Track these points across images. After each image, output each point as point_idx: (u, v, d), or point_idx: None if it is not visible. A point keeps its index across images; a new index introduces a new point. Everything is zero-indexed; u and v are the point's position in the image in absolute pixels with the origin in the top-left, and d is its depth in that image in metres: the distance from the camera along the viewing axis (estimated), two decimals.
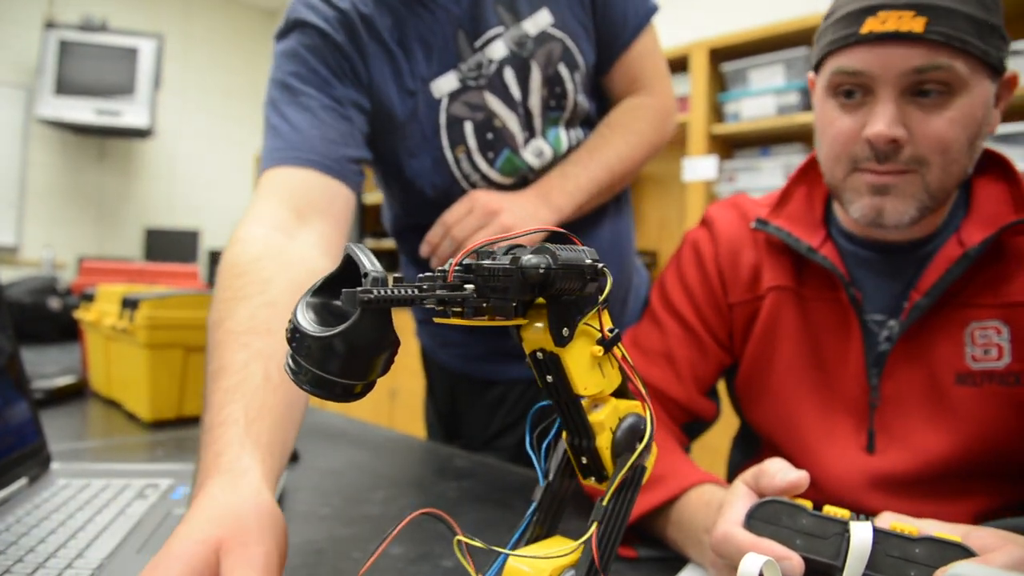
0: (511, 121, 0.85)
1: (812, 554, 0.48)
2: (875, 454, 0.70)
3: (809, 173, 0.79)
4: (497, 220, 0.79)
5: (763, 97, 2.33)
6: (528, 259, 0.33)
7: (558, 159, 0.89)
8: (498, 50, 0.83)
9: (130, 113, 4.21)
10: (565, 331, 0.37)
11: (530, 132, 0.87)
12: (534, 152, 0.87)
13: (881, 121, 0.62)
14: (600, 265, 0.37)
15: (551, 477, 0.44)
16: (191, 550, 0.38)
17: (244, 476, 0.45)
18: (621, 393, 0.43)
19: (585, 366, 0.39)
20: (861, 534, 0.46)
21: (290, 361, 0.33)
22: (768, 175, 2.33)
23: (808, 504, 0.50)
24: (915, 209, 0.65)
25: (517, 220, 0.79)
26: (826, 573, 0.47)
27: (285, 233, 0.69)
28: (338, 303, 0.32)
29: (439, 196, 0.86)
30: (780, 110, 2.31)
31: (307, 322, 0.32)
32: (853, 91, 0.65)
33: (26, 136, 4.35)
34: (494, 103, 0.84)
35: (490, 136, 0.85)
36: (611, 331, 0.39)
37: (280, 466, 0.50)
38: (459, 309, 0.33)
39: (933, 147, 0.62)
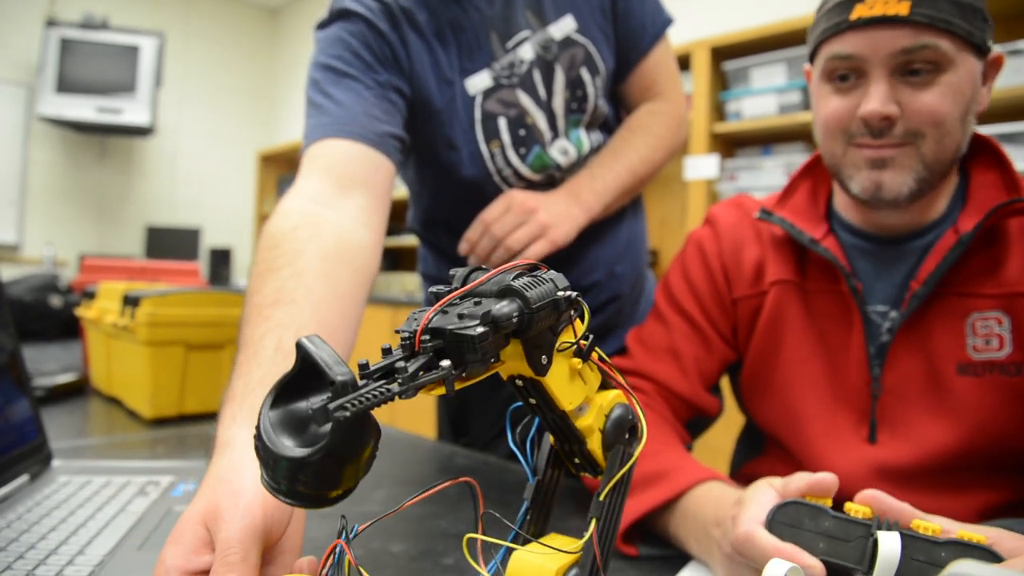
0: (540, 119, 0.88)
1: (836, 558, 0.47)
2: (877, 445, 0.71)
3: (814, 169, 0.80)
4: (535, 218, 0.82)
5: (765, 96, 2.33)
6: (500, 309, 0.31)
7: (581, 160, 0.92)
8: (526, 52, 0.86)
9: (131, 111, 4.22)
10: (544, 359, 0.35)
11: (554, 132, 0.89)
12: (560, 151, 0.90)
13: (875, 99, 0.65)
14: (574, 295, 0.35)
15: (540, 475, 0.43)
16: (181, 530, 0.43)
17: (227, 448, 0.48)
18: (603, 385, 0.42)
19: (566, 381, 0.38)
20: (890, 545, 0.45)
21: (264, 471, 0.29)
22: (769, 174, 2.33)
23: (828, 502, 0.50)
24: (913, 180, 0.67)
25: (552, 218, 0.82)
26: (850, 575, 0.47)
27: (325, 204, 0.70)
28: (304, 406, 0.29)
29: (472, 189, 0.89)
30: (782, 109, 2.30)
31: (273, 436, 0.28)
32: (847, 75, 0.68)
33: (27, 134, 4.35)
34: (526, 101, 0.87)
35: (522, 132, 0.87)
36: (585, 337, 0.38)
37: None
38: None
39: (925, 120, 0.65)
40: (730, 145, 2.54)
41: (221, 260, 4.80)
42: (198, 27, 5.06)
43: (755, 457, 0.85)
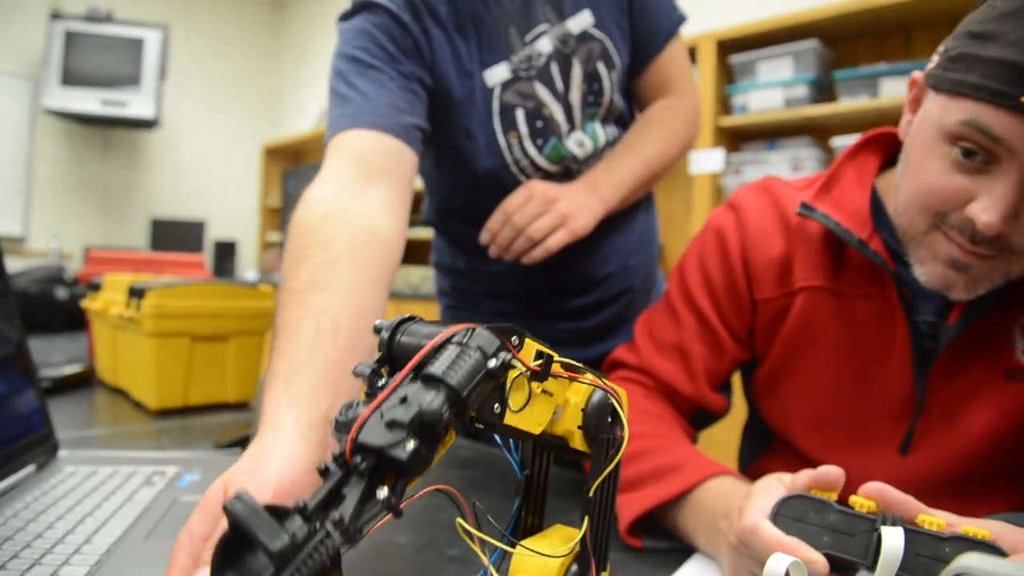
0: (557, 111, 0.89)
1: (840, 552, 0.47)
2: (909, 455, 0.68)
3: (858, 156, 0.73)
4: (555, 207, 0.82)
5: (771, 89, 2.32)
6: (428, 405, 0.29)
7: (597, 152, 0.93)
8: (544, 46, 0.87)
9: (136, 104, 4.22)
10: (496, 408, 0.33)
11: (571, 124, 0.90)
12: (576, 143, 0.91)
13: (997, 210, 0.54)
14: (508, 358, 0.32)
15: (528, 469, 0.43)
16: (209, 499, 0.45)
17: (271, 430, 0.50)
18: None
19: (527, 409, 0.35)
20: (893, 540, 0.45)
21: None
22: (775, 168, 2.32)
23: (833, 497, 0.50)
24: (985, 289, 0.60)
25: (572, 208, 0.83)
26: (854, 569, 0.47)
27: (352, 193, 0.71)
28: (257, 565, 0.27)
29: (490, 180, 0.90)
30: (788, 103, 2.29)
31: None
32: (976, 152, 0.55)
33: (32, 127, 4.36)
34: (543, 93, 0.88)
35: (540, 124, 0.88)
36: (539, 356, 0.35)
37: (326, 407, 0.53)
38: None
39: None
40: (735, 139, 2.53)
41: (226, 252, 4.82)
42: (202, 20, 5.06)
43: (764, 454, 0.84)
